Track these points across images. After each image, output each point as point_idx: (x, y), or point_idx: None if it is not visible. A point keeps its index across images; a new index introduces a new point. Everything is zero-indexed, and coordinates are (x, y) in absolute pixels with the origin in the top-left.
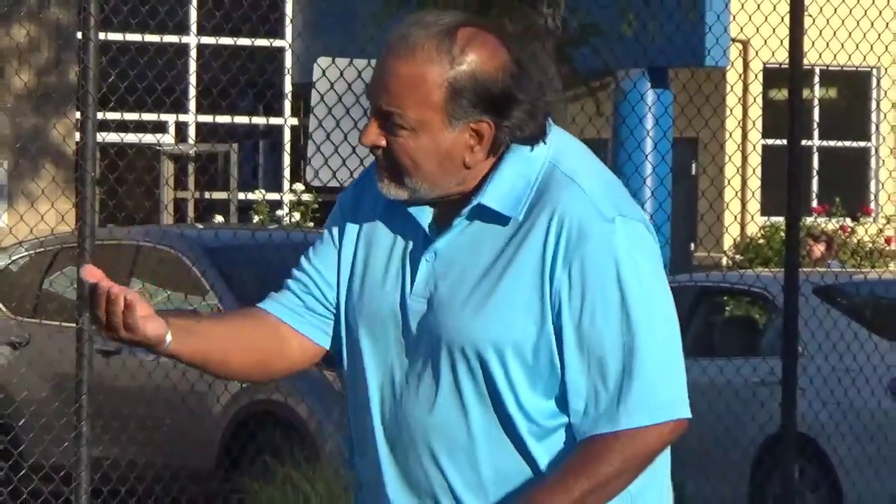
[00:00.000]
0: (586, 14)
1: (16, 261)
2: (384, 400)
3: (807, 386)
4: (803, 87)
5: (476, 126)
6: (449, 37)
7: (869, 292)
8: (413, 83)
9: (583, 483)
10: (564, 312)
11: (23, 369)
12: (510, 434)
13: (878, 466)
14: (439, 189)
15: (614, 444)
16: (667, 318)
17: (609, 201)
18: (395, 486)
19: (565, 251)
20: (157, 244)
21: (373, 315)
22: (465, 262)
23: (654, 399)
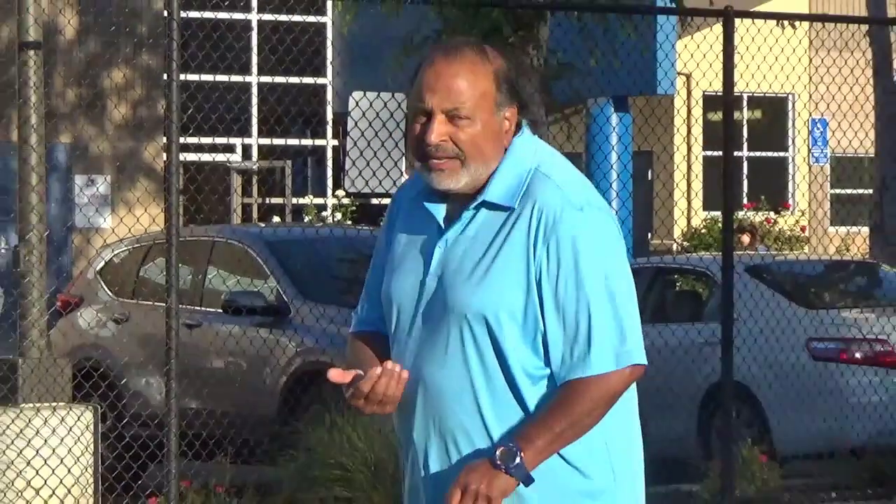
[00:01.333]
0: (563, 54)
1: (118, 254)
2: (408, 360)
3: (741, 345)
4: (734, 110)
5: (509, 113)
6: (480, 47)
7: (788, 270)
8: (469, 81)
9: (561, 421)
10: (544, 282)
11: (124, 340)
12: (507, 383)
13: (797, 407)
14: (485, 171)
15: (585, 387)
16: (625, 285)
17: (578, 194)
18: (420, 429)
19: (544, 233)
20: (228, 240)
21: (400, 292)
22: (468, 247)
23: (615, 349)
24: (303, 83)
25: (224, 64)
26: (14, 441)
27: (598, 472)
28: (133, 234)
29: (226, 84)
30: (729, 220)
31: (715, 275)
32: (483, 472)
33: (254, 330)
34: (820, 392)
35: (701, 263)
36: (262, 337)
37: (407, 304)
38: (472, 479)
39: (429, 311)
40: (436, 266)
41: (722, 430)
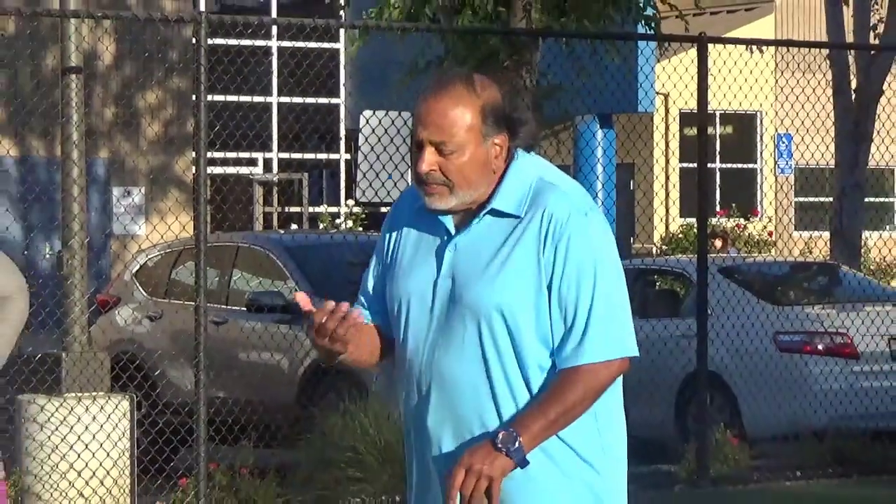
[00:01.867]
0: (553, 76)
1: (151, 258)
2: (422, 354)
3: (714, 338)
4: (708, 126)
5: (498, 139)
6: (469, 81)
7: (757, 270)
8: (456, 116)
9: (556, 408)
10: (554, 279)
11: (157, 335)
12: (521, 374)
13: (765, 394)
14: (475, 194)
15: (577, 376)
16: (620, 283)
17: (582, 201)
18: (434, 416)
19: (553, 236)
20: (251, 245)
21: (410, 292)
22: (478, 249)
23: (606, 342)
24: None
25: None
26: (58, 427)
27: (591, 453)
28: (165, 240)
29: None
30: (703, 225)
31: (691, 275)
32: (485, 454)
33: (274, 326)
34: (786, 380)
35: (678, 265)
36: (281, 332)
37: (420, 302)
38: (476, 460)
39: (443, 308)
40: (447, 268)
41: (697, 416)
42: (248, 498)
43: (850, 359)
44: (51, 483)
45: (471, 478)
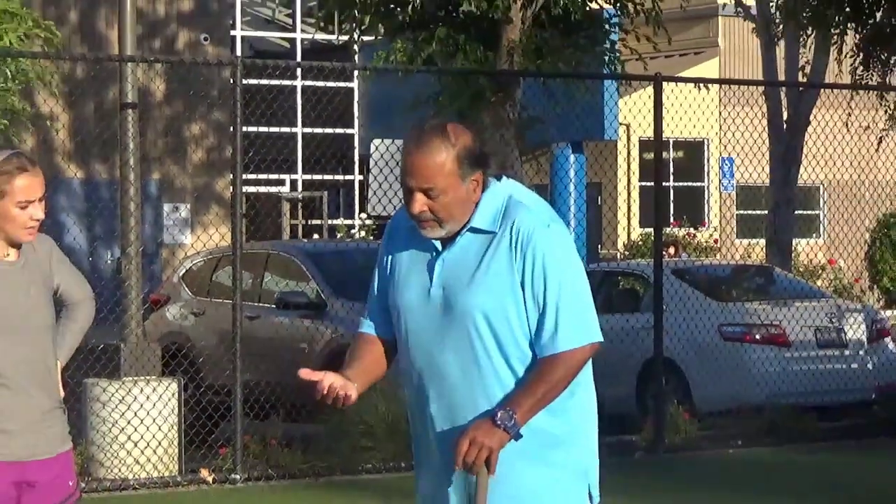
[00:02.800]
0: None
1: (196, 263)
2: (422, 352)
3: (669, 329)
4: (663, 151)
5: (475, 177)
6: (444, 132)
7: (704, 272)
8: (436, 167)
9: (542, 386)
10: (525, 282)
11: (201, 328)
12: (505, 364)
13: (711, 376)
14: (460, 223)
15: (558, 360)
16: (582, 281)
17: (545, 215)
18: (435, 408)
19: (522, 245)
20: (279, 252)
21: (408, 301)
22: (462, 261)
23: (577, 331)
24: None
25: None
26: (117, 406)
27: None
28: (207, 248)
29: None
30: (659, 234)
31: (649, 276)
32: (486, 429)
33: (299, 320)
34: (729, 365)
35: (638, 268)
36: (305, 326)
37: (417, 308)
38: (479, 434)
39: (437, 313)
40: (438, 279)
41: (655, 394)
42: (277, 464)
43: (783, 346)
44: (111, 452)
45: (473, 448)
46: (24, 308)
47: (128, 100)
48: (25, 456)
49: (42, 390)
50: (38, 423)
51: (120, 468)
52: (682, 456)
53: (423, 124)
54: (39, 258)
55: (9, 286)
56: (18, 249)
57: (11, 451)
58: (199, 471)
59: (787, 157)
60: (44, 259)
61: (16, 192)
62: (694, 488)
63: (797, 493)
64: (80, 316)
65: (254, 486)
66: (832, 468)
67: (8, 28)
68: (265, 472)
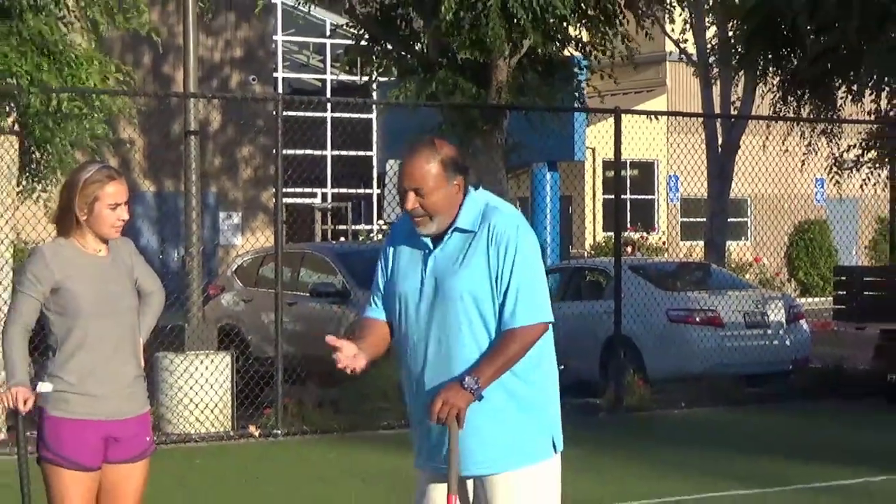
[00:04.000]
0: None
1: (245, 260)
2: (416, 329)
3: (626, 313)
4: (621, 170)
5: (457, 181)
6: (432, 145)
7: (655, 268)
8: (425, 171)
9: (500, 358)
10: (497, 271)
11: (249, 312)
12: (485, 331)
13: (661, 351)
14: (447, 219)
15: (515, 335)
16: (539, 273)
17: (512, 217)
18: (429, 373)
19: (495, 242)
20: (312, 251)
21: (406, 288)
22: (449, 256)
23: (531, 311)
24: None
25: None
26: (182, 374)
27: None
28: (254, 248)
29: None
30: (618, 237)
31: (610, 271)
32: (456, 391)
33: (329, 306)
34: (675, 341)
35: (601, 264)
36: (333, 310)
37: (413, 294)
38: (449, 395)
39: (431, 297)
40: (430, 271)
41: (615, 365)
42: (311, 422)
43: (718, 327)
44: (177, 412)
45: (445, 407)
46: (116, 294)
47: (191, 128)
48: (111, 416)
49: (129, 363)
50: (124, 389)
51: (184, 425)
52: (637, 415)
53: (416, 141)
54: (123, 255)
55: (103, 277)
56: (107, 246)
57: (101, 412)
58: (248, 427)
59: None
60: (126, 256)
61: (106, 196)
62: (647, 441)
63: (730, 444)
64: (153, 303)
65: (292, 440)
66: (758, 425)
67: (92, 71)
68: (301, 429)
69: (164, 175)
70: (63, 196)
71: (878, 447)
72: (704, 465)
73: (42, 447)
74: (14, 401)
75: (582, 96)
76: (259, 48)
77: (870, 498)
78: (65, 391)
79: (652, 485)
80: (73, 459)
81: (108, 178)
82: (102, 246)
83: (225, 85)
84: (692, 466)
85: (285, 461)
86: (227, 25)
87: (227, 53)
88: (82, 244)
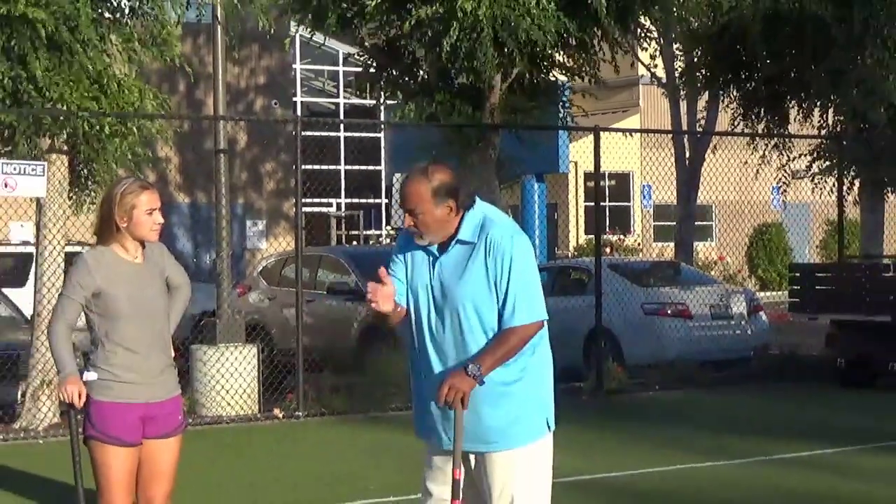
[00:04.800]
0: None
1: (269, 263)
2: (426, 326)
3: (606, 307)
4: (601, 180)
5: (449, 204)
6: (426, 172)
7: (631, 266)
8: (419, 195)
9: (501, 350)
10: (494, 278)
11: (273, 309)
12: (483, 333)
13: (637, 340)
14: (440, 236)
15: (514, 331)
16: (534, 277)
17: (510, 229)
18: (436, 363)
19: (493, 252)
20: (329, 254)
21: (416, 288)
22: (453, 264)
23: (527, 310)
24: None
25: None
26: (214, 364)
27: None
28: (277, 252)
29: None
30: (598, 239)
31: (591, 270)
32: (461, 377)
33: (343, 303)
34: (649, 332)
35: (584, 264)
36: (348, 306)
37: (422, 297)
38: (455, 381)
39: (436, 299)
40: (436, 276)
41: (596, 353)
42: (329, 405)
43: (687, 318)
44: (210, 397)
45: (451, 391)
46: (150, 298)
47: (220, 147)
48: (146, 399)
49: (160, 355)
50: (156, 376)
51: (216, 408)
52: (616, 398)
53: (414, 167)
54: (156, 258)
55: (139, 282)
56: (143, 252)
57: (137, 395)
58: (273, 410)
59: (689, 184)
60: (158, 258)
61: (142, 203)
62: (625, 421)
63: (698, 423)
64: (181, 296)
65: (312, 421)
66: (723, 405)
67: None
68: (320, 411)
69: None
70: (103, 208)
71: (830, 424)
72: (676, 441)
73: (89, 427)
74: (70, 397)
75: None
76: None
77: (823, 468)
78: (108, 380)
79: (629, 458)
80: (115, 436)
81: (141, 188)
82: (139, 252)
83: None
84: (665, 442)
85: (306, 440)
86: (251, 56)
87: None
88: (122, 251)
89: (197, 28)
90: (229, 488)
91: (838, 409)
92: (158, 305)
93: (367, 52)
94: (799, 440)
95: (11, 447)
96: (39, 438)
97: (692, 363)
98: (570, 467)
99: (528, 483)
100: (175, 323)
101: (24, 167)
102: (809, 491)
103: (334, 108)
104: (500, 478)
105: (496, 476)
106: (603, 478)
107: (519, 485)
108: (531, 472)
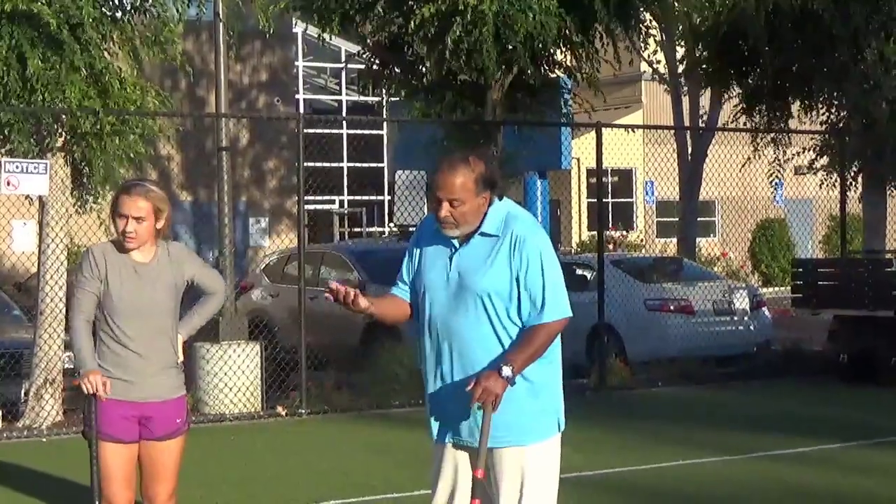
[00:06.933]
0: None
1: (272, 260)
2: (440, 317)
3: (608, 303)
4: (603, 176)
5: (485, 194)
6: (467, 161)
7: (634, 262)
8: (460, 183)
9: (529, 348)
10: (519, 273)
11: (276, 306)
12: (504, 330)
13: (639, 336)
14: (471, 227)
15: (541, 329)
16: (559, 273)
17: (532, 225)
18: (447, 358)
19: (517, 246)
20: (331, 251)
21: (431, 280)
22: (474, 255)
23: (555, 308)
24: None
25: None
26: (217, 361)
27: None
28: (280, 249)
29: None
30: (601, 235)
31: (594, 266)
32: (494, 378)
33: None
34: (652, 328)
35: (587, 259)
36: None
37: (439, 287)
38: (489, 384)
39: (454, 290)
40: (455, 266)
41: (599, 349)
42: (331, 402)
43: (690, 314)
44: (213, 395)
45: (484, 393)
46: (149, 298)
47: (222, 145)
48: (141, 399)
49: (158, 356)
50: (152, 377)
51: (219, 406)
52: (619, 394)
53: (453, 155)
54: (172, 260)
55: (140, 281)
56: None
57: (129, 394)
58: (276, 407)
59: (691, 180)
60: (177, 261)
61: (119, 207)
62: (628, 416)
63: (701, 418)
64: (211, 303)
65: (315, 419)
66: (725, 400)
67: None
68: (323, 408)
69: (199, 186)
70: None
71: (832, 419)
72: (679, 437)
73: (85, 423)
74: (94, 387)
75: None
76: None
77: (825, 464)
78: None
79: (631, 454)
80: (108, 433)
81: (122, 191)
82: (151, 252)
83: (252, 106)
84: (668, 438)
85: (309, 437)
86: (253, 53)
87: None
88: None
89: (198, 25)
90: (232, 486)
91: (841, 405)
92: (159, 306)
93: (369, 49)
94: (802, 436)
95: (15, 445)
96: (43, 436)
97: (695, 359)
98: (573, 463)
99: (536, 481)
100: (191, 330)
101: (27, 165)
102: (812, 486)
103: (337, 105)
104: (508, 474)
105: (505, 472)
106: (605, 474)
107: (527, 482)
108: (540, 470)
